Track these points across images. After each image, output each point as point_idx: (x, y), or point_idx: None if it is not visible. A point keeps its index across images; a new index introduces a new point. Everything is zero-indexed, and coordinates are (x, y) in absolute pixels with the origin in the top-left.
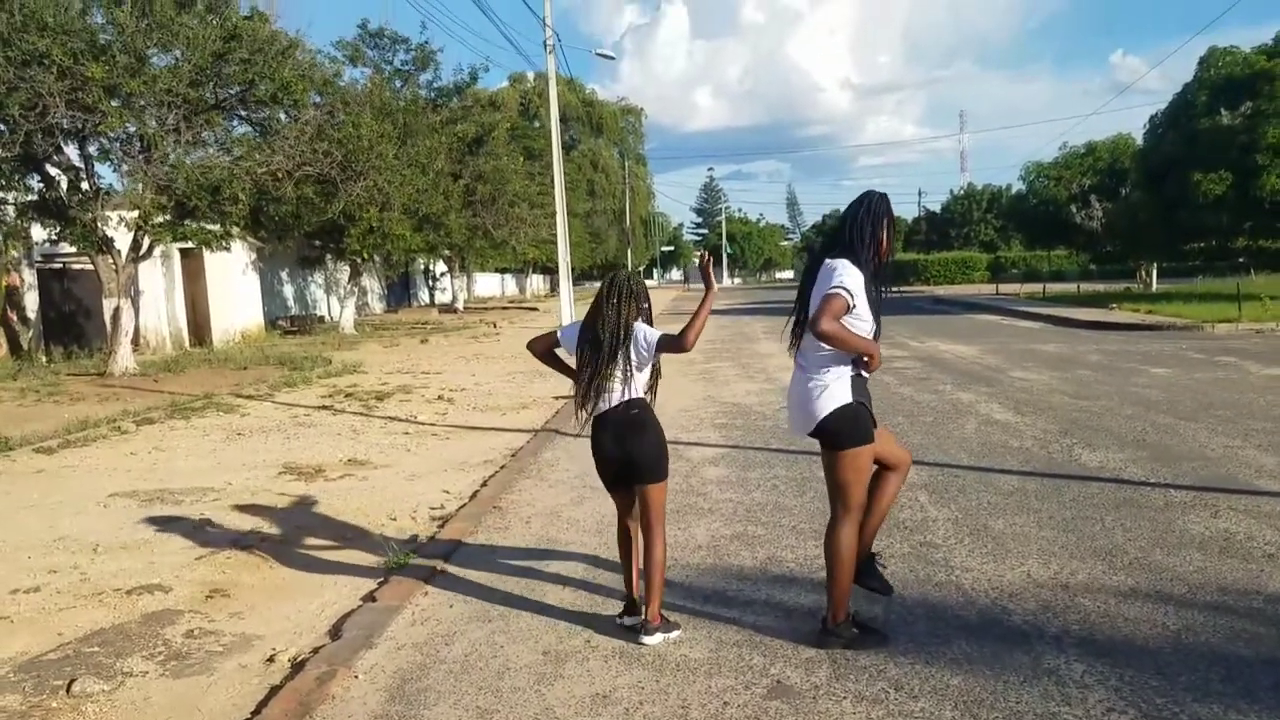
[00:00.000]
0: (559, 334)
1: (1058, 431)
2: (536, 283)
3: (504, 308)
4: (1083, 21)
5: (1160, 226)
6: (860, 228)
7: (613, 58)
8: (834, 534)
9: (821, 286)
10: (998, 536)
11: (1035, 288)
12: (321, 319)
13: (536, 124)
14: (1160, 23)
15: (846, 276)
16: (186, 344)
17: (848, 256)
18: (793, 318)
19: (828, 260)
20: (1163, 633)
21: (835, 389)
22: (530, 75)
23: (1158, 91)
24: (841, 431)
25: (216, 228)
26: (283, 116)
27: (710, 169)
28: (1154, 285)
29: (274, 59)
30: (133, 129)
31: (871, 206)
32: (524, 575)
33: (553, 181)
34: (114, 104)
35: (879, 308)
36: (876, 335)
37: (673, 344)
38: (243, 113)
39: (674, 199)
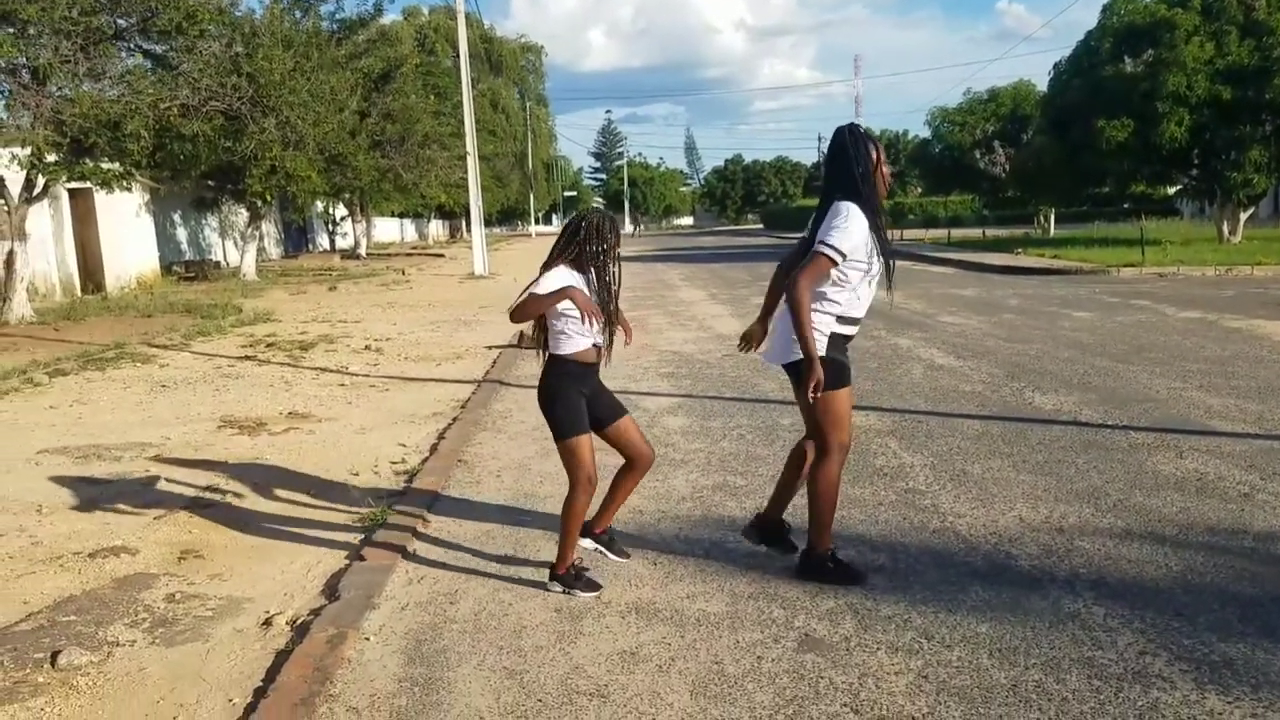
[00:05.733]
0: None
1: (1004, 375)
2: (436, 228)
3: (408, 254)
4: None
5: (1064, 172)
6: (854, 163)
7: None
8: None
9: (822, 232)
10: (979, 481)
11: (939, 233)
12: (218, 264)
13: (432, 59)
14: None
15: (850, 223)
16: (78, 291)
17: (852, 198)
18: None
19: (837, 200)
20: (1168, 574)
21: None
22: (425, 9)
23: (1042, 40)
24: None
25: (116, 166)
26: (186, 48)
27: (608, 111)
28: (1052, 230)
29: None
30: (23, 60)
31: (857, 140)
32: (512, 528)
33: (462, 122)
34: (8, 31)
35: (887, 247)
36: (889, 277)
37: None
38: (143, 44)
39: (573, 141)
